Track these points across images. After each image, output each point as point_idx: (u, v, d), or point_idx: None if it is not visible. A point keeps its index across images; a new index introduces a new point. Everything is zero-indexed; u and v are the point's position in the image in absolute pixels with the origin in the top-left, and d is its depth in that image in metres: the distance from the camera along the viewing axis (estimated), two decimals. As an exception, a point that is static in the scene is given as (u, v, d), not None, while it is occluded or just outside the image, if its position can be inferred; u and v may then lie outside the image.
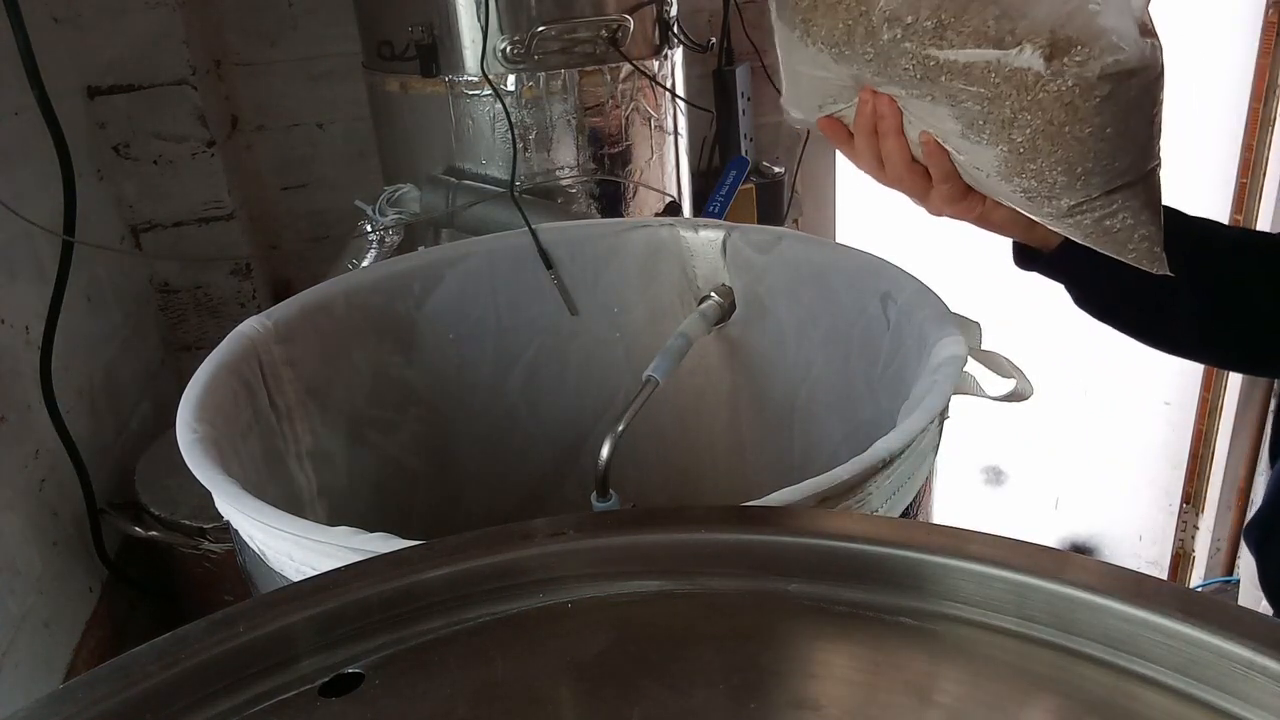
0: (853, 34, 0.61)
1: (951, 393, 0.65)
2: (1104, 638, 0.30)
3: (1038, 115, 0.58)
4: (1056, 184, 0.60)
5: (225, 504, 0.59)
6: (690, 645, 0.33)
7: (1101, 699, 0.29)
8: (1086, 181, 0.60)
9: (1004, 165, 0.61)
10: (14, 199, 1.00)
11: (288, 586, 0.33)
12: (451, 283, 0.95)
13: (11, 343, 1.02)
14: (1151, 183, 0.62)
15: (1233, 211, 1.90)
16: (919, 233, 1.28)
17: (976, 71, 0.58)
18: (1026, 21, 0.56)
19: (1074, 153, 0.59)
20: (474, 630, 0.33)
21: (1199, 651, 0.29)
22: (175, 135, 1.38)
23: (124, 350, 1.32)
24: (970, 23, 0.57)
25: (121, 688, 0.29)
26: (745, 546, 0.35)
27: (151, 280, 1.46)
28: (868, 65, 0.62)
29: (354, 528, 0.53)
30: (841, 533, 0.35)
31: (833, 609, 0.33)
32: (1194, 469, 2.15)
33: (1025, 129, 0.59)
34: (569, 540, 0.35)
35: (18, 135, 1.07)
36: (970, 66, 0.58)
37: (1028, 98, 0.57)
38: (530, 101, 1.12)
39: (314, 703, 0.30)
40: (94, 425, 1.18)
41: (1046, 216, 0.63)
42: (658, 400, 0.80)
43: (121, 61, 1.34)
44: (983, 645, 0.31)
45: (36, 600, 0.97)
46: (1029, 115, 0.58)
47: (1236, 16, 1.83)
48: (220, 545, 1.04)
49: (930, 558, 0.33)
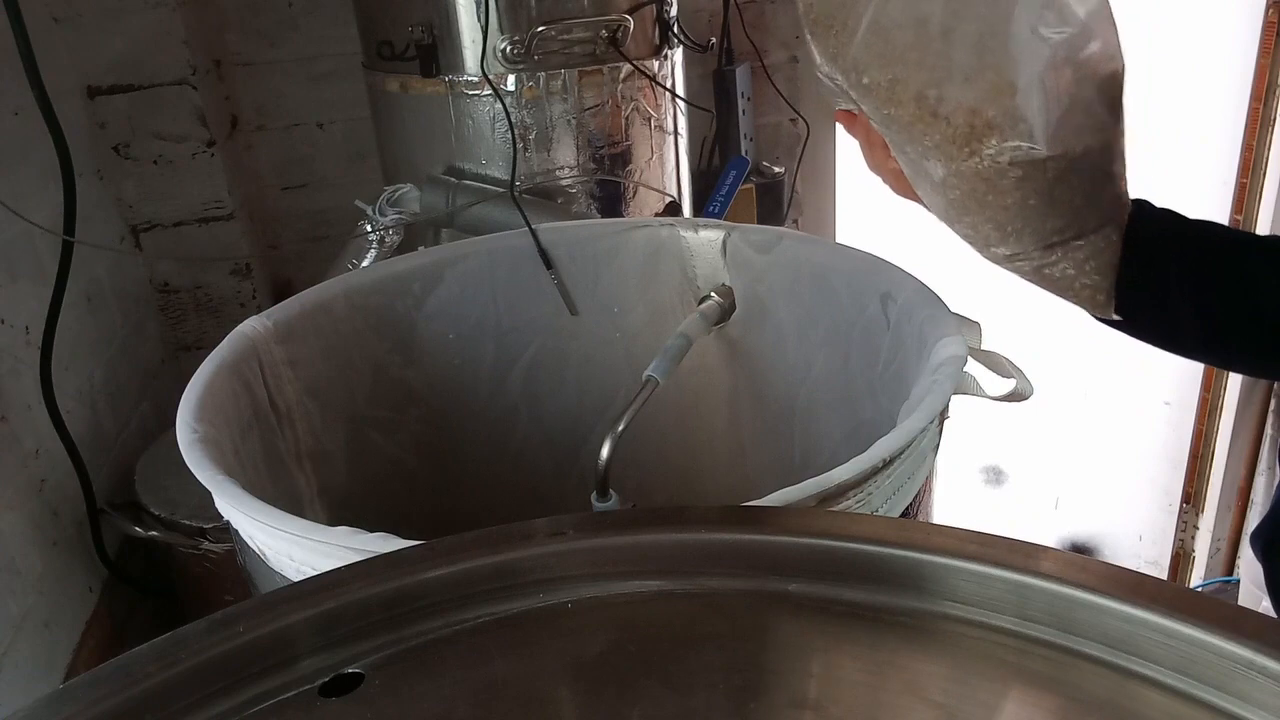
0: (834, 63, 0.64)
1: (951, 393, 0.65)
2: (1104, 638, 0.30)
3: (964, 182, 0.60)
4: (990, 237, 0.63)
5: (225, 504, 0.59)
6: (690, 645, 0.33)
7: (1101, 699, 0.29)
8: (1019, 238, 0.62)
9: (945, 214, 0.65)
10: (14, 199, 1.00)
11: (288, 586, 0.33)
12: (451, 283, 0.95)
13: (11, 343, 1.02)
14: (1098, 240, 0.63)
15: (1233, 211, 1.90)
16: (919, 233, 1.28)
17: (916, 132, 0.60)
18: (953, 98, 0.58)
19: (1000, 216, 0.61)
20: (474, 630, 0.33)
21: (1199, 651, 0.29)
22: (175, 135, 1.38)
23: (124, 350, 1.32)
24: (913, 87, 0.59)
25: (121, 688, 0.29)
26: (745, 546, 0.35)
27: (151, 280, 1.46)
28: (847, 92, 0.64)
29: (354, 528, 0.53)
30: (841, 533, 0.35)
31: (833, 609, 0.33)
32: (1194, 469, 2.15)
33: (954, 190, 0.61)
34: (569, 540, 0.35)
35: (18, 135, 1.07)
36: (912, 126, 0.60)
37: (953, 166, 0.60)
38: (530, 101, 1.12)
39: (314, 703, 0.30)
40: (94, 425, 1.18)
41: (989, 259, 0.66)
42: (658, 400, 0.80)
43: (121, 61, 1.34)
44: (983, 645, 0.31)
45: (36, 600, 0.97)
46: (956, 180, 0.61)
47: (1236, 16, 1.83)
48: (220, 545, 1.04)
49: (930, 558, 0.33)
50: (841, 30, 0.62)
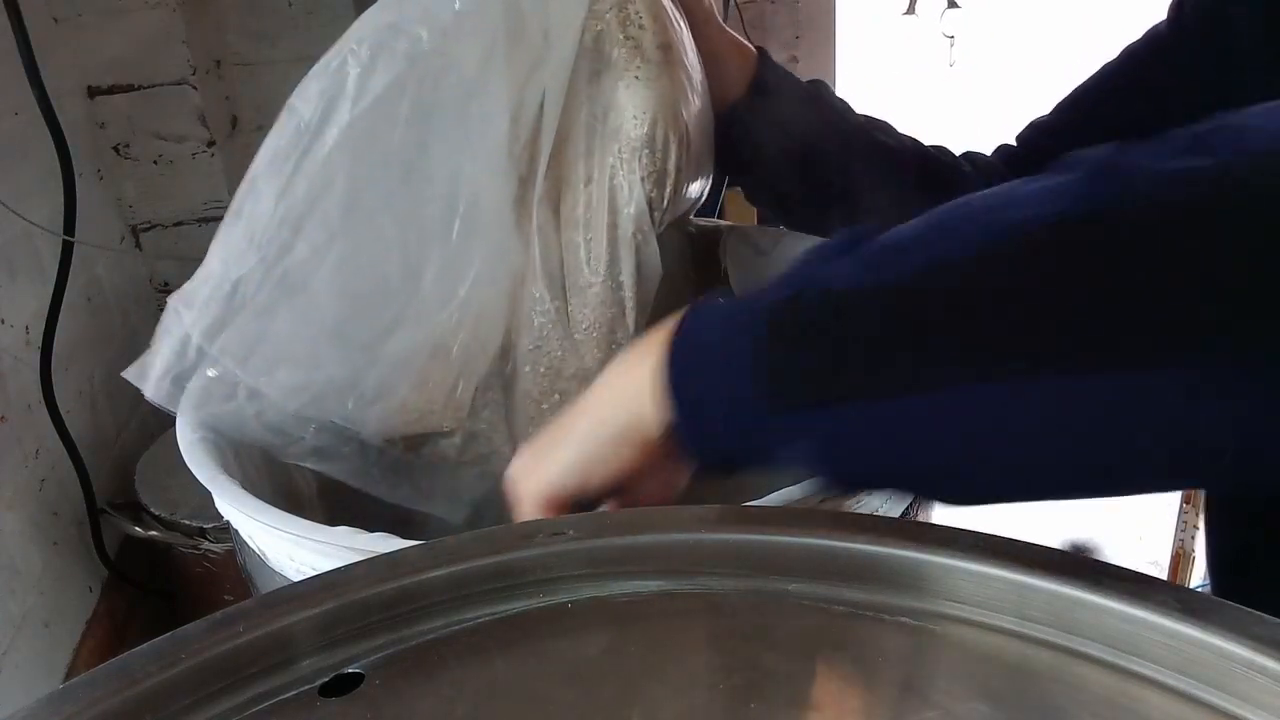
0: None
1: (951, 392, 0.65)
2: (1104, 638, 0.30)
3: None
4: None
5: (225, 504, 0.59)
6: (690, 645, 0.33)
7: (1101, 699, 0.29)
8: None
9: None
10: (14, 199, 1.00)
11: (288, 586, 0.33)
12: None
13: (11, 343, 1.02)
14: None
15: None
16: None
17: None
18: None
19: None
20: (474, 630, 0.33)
21: (1199, 652, 0.29)
22: (175, 135, 1.38)
23: (124, 350, 1.32)
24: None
25: (121, 688, 0.29)
26: (745, 546, 0.35)
27: (151, 280, 1.46)
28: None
29: (354, 528, 0.53)
30: (841, 533, 0.35)
31: (833, 609, 0.33)
32: (1194, 469, 2.15)
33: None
34: (569, 540, 0.35)
35: (18, 135, 1.07)
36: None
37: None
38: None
39: (314, 703, 0.30)
40: (94, 425, 1.18)
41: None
42: (658, 400, 0.80)
43: (121, 61, 1.33)
44: (983, 645, 0.31)
45: (36, 600, 0.97)
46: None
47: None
48: (220, 545, 1.04)
49: (930, 558, 0.33)
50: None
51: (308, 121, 0.56)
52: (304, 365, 0.56)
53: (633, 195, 0.61)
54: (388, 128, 0.57)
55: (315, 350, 0.57)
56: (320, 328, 0.57)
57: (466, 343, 0.59)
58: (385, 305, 0.58)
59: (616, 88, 0.60)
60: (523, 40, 0.58)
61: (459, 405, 0.60)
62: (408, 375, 0.59)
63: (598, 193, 0.62)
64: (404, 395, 0.59)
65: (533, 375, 0.63)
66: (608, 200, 0.62)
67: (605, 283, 0.63)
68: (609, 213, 0.62)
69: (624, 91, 0.60)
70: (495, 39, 0.58)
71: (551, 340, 0.62)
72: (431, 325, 0.58)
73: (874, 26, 5.68)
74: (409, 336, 0.58)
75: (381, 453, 0.60)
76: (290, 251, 0.56)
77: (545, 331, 0.62)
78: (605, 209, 0.62)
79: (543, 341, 0.62)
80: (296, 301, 0.56)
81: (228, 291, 0.56)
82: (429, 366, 0.59)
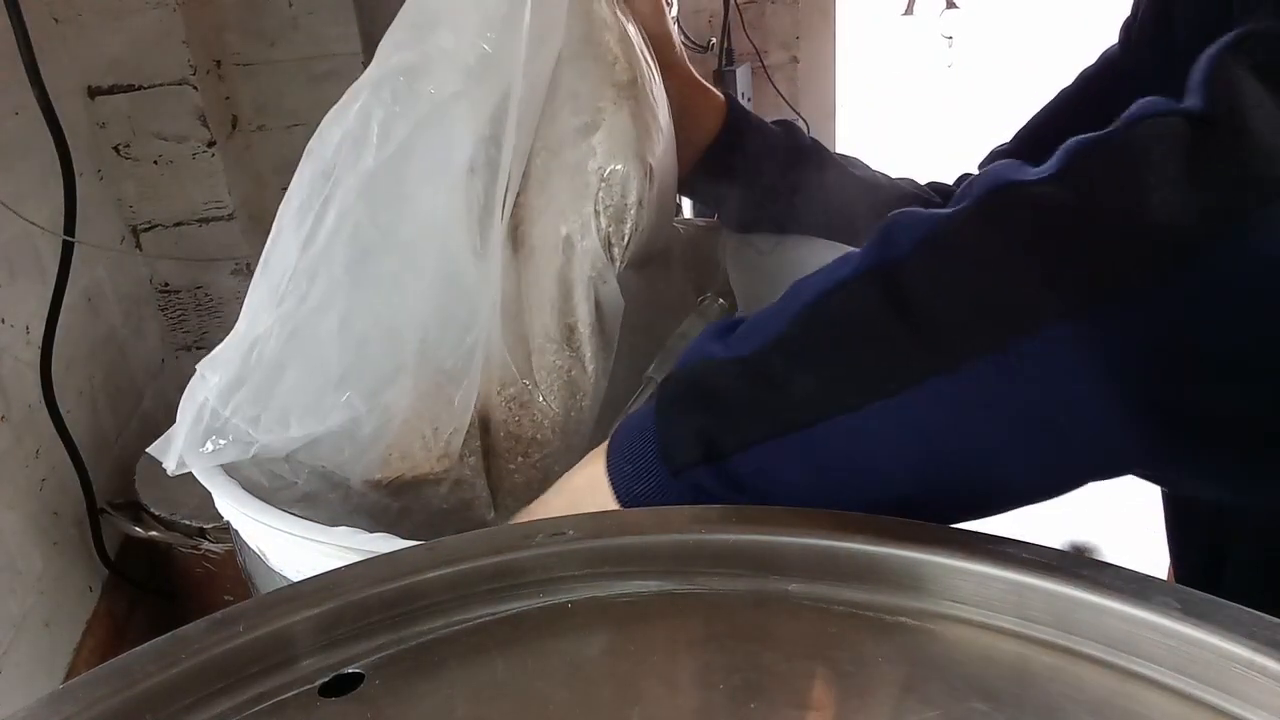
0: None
1: (951, 393, 0.65)
2: (1104, 638, 0.30)
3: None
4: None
5: (225, 504, 0.59)
6: (690, 645, 0.33)
7: (1101, 699, 0.29)
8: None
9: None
10: (14, 199, 1.00)
11: (288, 586, 0.33)
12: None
13: (11, 343, 1.02)
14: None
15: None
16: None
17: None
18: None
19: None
20: (474, 630, 0.33)
21: (1199, 651, 0.29)
22: (175, 135, 1.38)
23: (124, 350, 1.32)
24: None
25: (121, 688, 0.29)
26: (745, 546, 0.35)
27: (151, 280, 1.47)
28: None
29: (354, 528, 0.53)
30: (841, 533, 0.35)
31: (833, 609, 0.33)
32: (1194, 469, 2.15)
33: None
34: (569, 540, 0.35)
35: (18, 135, 1.07)
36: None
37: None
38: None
39: (314, 703, 0.30)
40: (94, 425, 1.18)
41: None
42: (658, 400, 0.80)
43: (121, 61, 1.34)
44: (982, 645, 0.31)
45: (36, 600, 0.97)
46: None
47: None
48: (220, 545, 1.04)
49: (930, 558, 0.33)
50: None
51: (328, 167, 0.55)
52: (314, 417, 0.56)
53: (587, 231, 0.59)
54: (404, 174, 0.56)
55: (322, 401, 0.56)
56: (326, 378, 0.56)
57: (467, 389, 0.58)
58: (389, 353, 0.57)
59: (579, 119, 0.59)
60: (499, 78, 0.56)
61: (450, 453, 0.59)
62: (405, 422, 0.58)
63: (550, 228, 0.59)
64: (398, 442, 0.58)
65: (505, 424, 0.61)
66: (562, 237, 0.59)
67: (558, 324, 0.60)
68: (563, 250, 0.59)
69: (586, 123, 0.58)
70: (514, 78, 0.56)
71: (519, 383, 0.60)
72: (433, 372, 0.58)
73: (873, 26, 5.69)
74: (410, 383, 0.58)
75: (364, 497, 0.59)
76: (305, 302, 0.55)
77: (509, 376, 0.60)
78: (559, 247, 0.59)
79: (511, 384, 0.60)
80: (306, 352, 0.56)
81: (245, 350, 0.56)
82: (426, 413, 0.58)
